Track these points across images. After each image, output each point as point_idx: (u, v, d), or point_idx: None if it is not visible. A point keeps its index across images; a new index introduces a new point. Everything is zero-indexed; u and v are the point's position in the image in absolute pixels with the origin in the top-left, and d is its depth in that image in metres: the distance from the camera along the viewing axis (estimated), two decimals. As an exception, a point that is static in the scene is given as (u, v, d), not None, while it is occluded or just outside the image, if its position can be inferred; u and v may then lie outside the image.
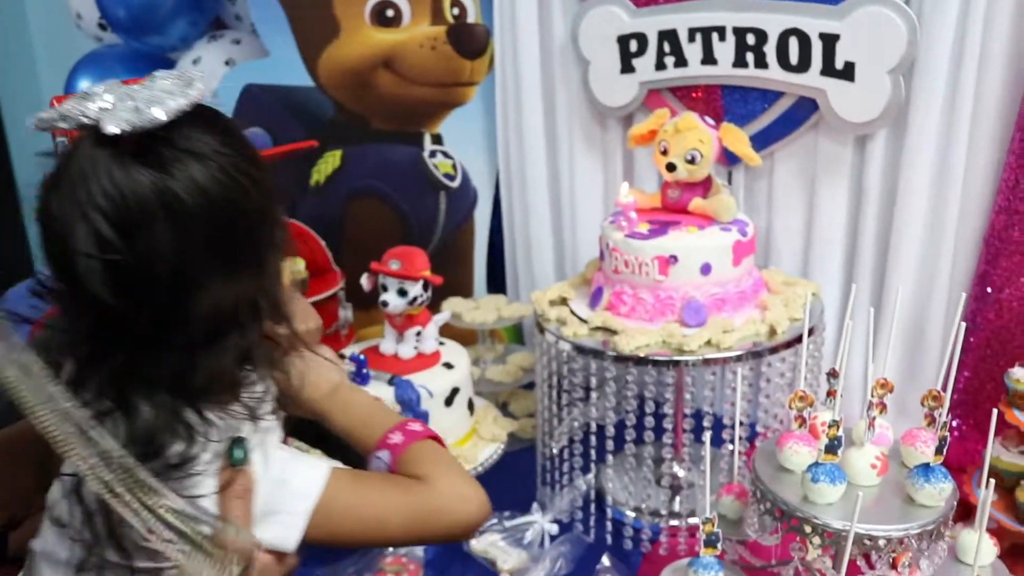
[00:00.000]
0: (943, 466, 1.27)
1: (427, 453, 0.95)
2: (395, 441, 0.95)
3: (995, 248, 2.02)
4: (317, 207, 2.71)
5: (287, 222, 0.90)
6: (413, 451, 0.95)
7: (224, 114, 0.88)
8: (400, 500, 0.90)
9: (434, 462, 0.94)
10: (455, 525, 0.91)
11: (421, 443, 0.96)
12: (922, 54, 1.96)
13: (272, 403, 0.93)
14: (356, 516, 0.89)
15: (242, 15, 2.86)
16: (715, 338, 1.78)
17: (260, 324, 0.87)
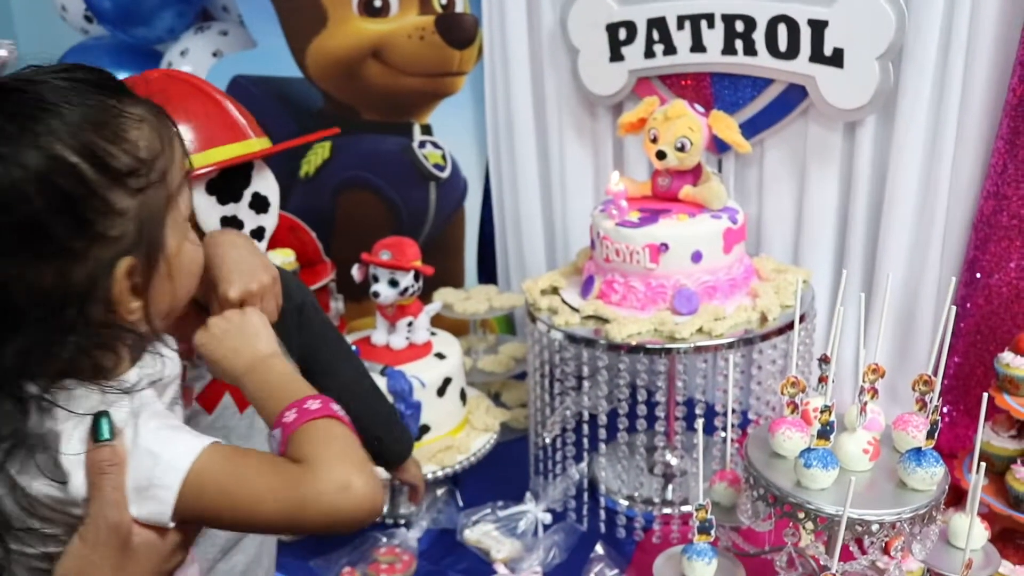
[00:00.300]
0: (935, 450, 1.27)
1: (318, 434, 0.87)
2: (288, 419, 0.88)
3: (984, 233, 2.03)
4: (307, 198, 2.70)
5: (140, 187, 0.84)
6: (303, 431, 0.87)
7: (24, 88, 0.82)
8: (274, 483, 0.83)
9: (321, 444, 0.85)
10: (333, 515, 0.82)
11: (315, 423, 0.87)
12: (910, 41, 1.96)
13: (156, 374, 0.90)
14: (228, 495, 0.83)
15: (229, 6, 2.85)
16: (706, 326, 1.78)
17: (100, 304, 0.83)
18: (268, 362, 0.97)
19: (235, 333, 1.00)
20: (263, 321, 1.03)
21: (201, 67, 2.74)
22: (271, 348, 1.00)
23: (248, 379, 0.96)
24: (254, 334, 1.00)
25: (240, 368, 0.97)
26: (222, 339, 0.99)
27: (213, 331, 1.00)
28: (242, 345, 0.99)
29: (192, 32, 2.82)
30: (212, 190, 1.35)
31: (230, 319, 1.02)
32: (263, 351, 0.99)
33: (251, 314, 1.03)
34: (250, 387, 0.96)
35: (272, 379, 0.95)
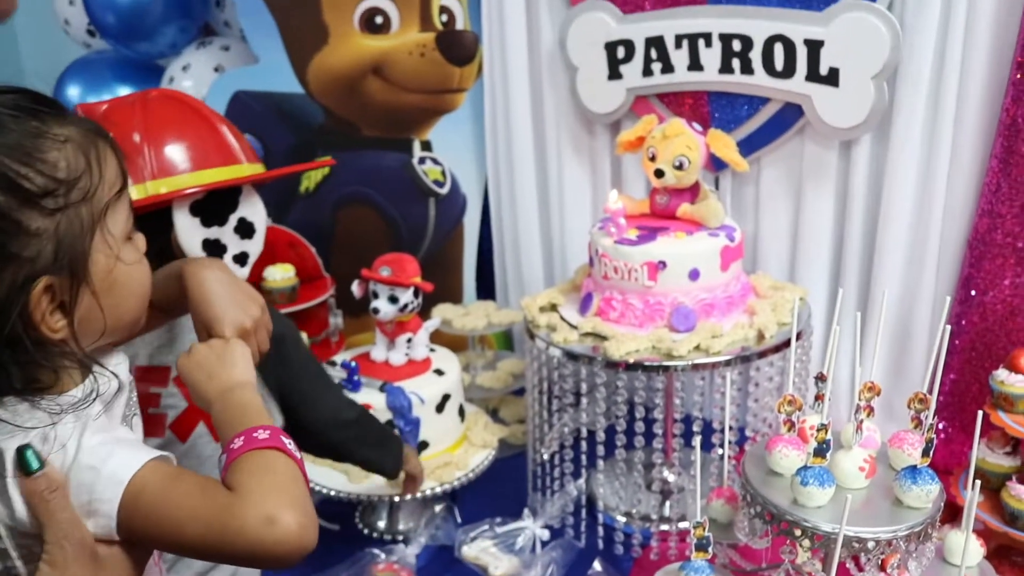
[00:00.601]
0: (930, 468, 1.28)
1: (257, 464, 0.86)
2: (235, 446, 0.88)
3: (979, 251, 2.04)
4: (307, 214, 2.72)
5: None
6: (244, 459, 0.86)
7: None
8: (200, 506, 0.83)
9: (257, 474, 0.85)
10: (255, 548, 0.81)
11: (258, 452, 0.87)
12: (905, 60, 1.98)
13: (110, 389, 0.90)
14: (158, 515, 0.83)
15: (231, 22, 2.87)
16: (704, 343, 1.80)
17: (20, 322, 0.83)
18: (238, 390, 0.99)
19: (214, 360, 1.02)
20: (245, 352, 1.05)
21: (203, 82, 2.75)
22: (245, 378, 1.01)
23: (216, 405, 0.98)
24: (231, 363, 1.02)
25: (211, 394, 0.99)
26: (200, 364, 1.01)
27: (194, 356, 1.03)
28: (218, 371, 1.00)
29: (194, 47, 2.84)
30: (196, 211, 1.36)
31: (213, 347, 1.04)
32: (236, 379, 1.00)
33: (235, 344, 1.04)
34: (216, 413, 0.97)
35: (235, 406, 0.97)
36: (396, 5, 2.56)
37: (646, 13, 2.24)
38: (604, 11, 2.28)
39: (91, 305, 0.87)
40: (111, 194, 0.88)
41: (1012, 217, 1.99)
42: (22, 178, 0.81)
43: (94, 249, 0.87)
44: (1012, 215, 1.99)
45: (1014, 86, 1.90)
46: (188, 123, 1.38)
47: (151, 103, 1.37)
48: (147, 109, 1.36)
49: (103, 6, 2.73)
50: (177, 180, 1.33)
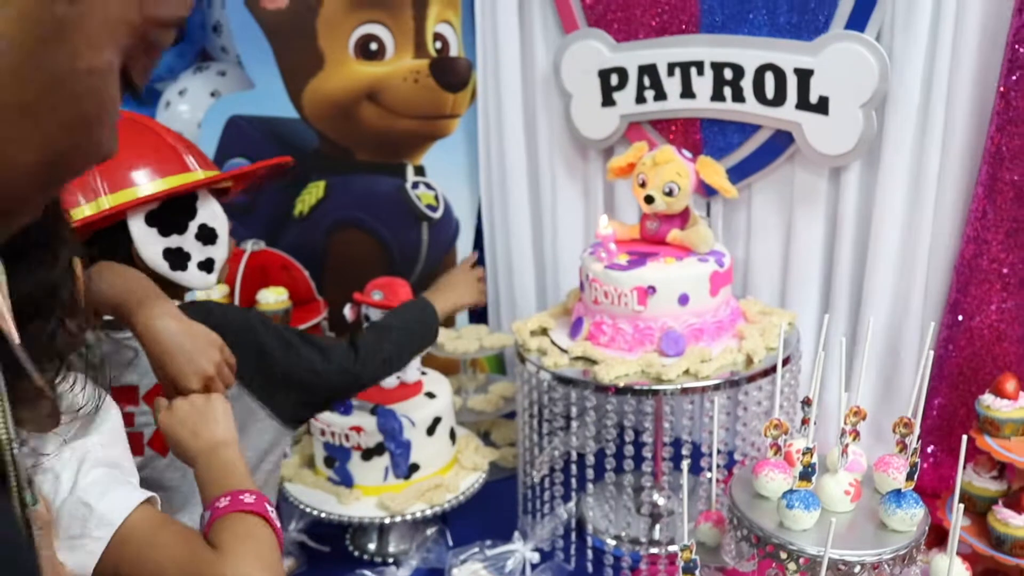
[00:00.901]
0: (915, 492, 1.29)
1: (239, 527, 0.91)
2: (220, 505, 0.93)
3: (965, 277, 2.06)
4: (300, 237, 2.73)
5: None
6: (228, 519, 0.91)
7: None
8: (183, 558, 0.87)
9: (239, 538, 0.89)
10: None
11: (241, 515, 0.92)
12: (893, 89, 2.01)
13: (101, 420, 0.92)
14: (142, 559, 0.86)
15: (228, 47, 2.90)
16: (693, 367, 1.81)
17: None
18: (221, 449, 1.03)
19: (196, 418, 1.05)
20: (226, 408, 1.09)
21: (199, 106, 2.78)
22: (228, 436, 1.06)
23: (200, 462, 1.02)
24: (214, 420, 1.06)
25: (196, 450, 1.03)
26: (184, 422, 1.05)
27: (177, 414, 1.06)
28: (202, 429, 1.04)
29: (191, 72, 2.87)
30: (153, 222, 1.36)
31: (194, 403, 1.07)
32: (219, 437, 1.04)
33: (215, 401, 1.08)
34: (201, 470, 1.01)
35: (220, 465, 1.01)
36: (391, 32, 2.59)
37: (639, 41, 2.27)
38: (598, 39, 2.31)
39: None
40: None
41: (997, 243, 2.02)
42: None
43: None
44: (998, 241, 2.01)
45: (998, 115, 1.93)
46: (136, 138, 1.39)
47: None
48: None
49: (101, 30, 2.76)
50: (127, 192, 1.33)
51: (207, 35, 2.93)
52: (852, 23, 2.01)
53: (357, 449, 1.95)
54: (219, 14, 2.86)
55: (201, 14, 2.89)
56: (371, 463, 1.96)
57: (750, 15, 2.12)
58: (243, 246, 2.42)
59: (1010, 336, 2.08)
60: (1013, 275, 2.04)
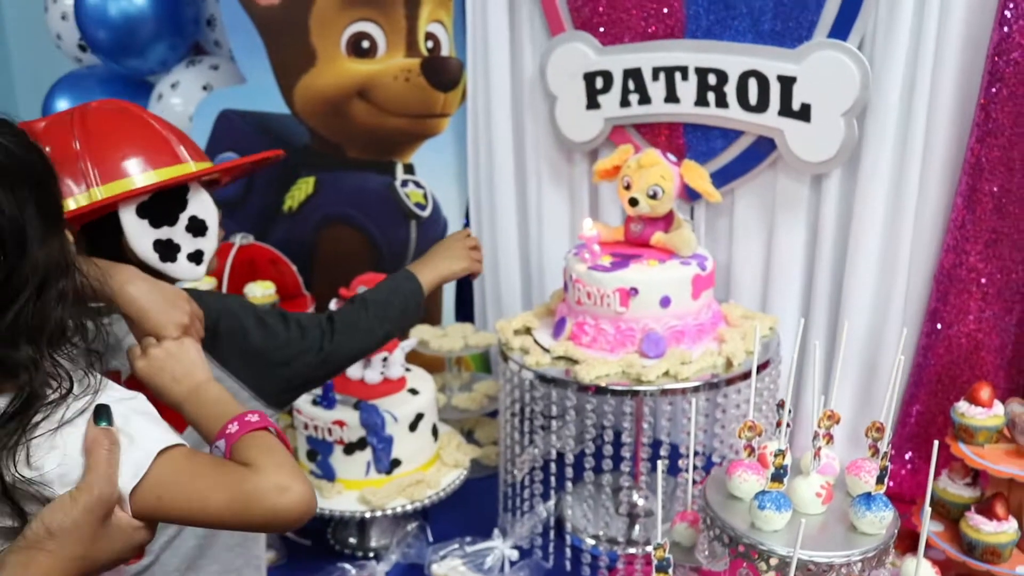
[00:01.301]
0: (886, 495, 1.32)
1: (258, 442, 0.98)
2: (231, 431, 0.99)
3: (944, 286, 2.09)
4: (289, 232, 2.75)
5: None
6: (246, 440, 0.98)
7: None
8: (223, 480, 0.93)
9: (263, 451, 0.97)
10: (274, 513, 0.93)
11: (255, 433, 0.99)
12: (874, 98, 2.04)
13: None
14: (183, 488, 0.92)
15: (221, 42, 2.91)
16: (673, 369, 1.83)
17: (75, 274, 0.94)
18: (205, 387, 1.09)
19: (173, 363, 1.11)
20: (198, 349, 1.15)
21: (191, 100, 2.79)
22: (207, 374, 1.12)
23: (188, 403, 1.08)
24: (191, 362, 1.12)
25: (180, 394, 1.09)
26: (163, 368, 1.11)
27: (153, 361, 1.11)
28: (182, 374, 1.10)
29: (184, 65, 2.88)
30: (144, 213, 1.36)
31: (168, 349, 1.12)
32: (199, 377, 1.11)
33: (188, 344, 1.14)
34: (190, 410, 1.07)
35: (210, 401, 1.07)
36: (383, 30, 2.61)
37: (624, 45, 2.29)
38: (584, 42, 2.33)
39: None
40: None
41: (976, 254, 2.04)
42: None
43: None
44: (976, 252, 2.04)
45: (978, 127, 1.96)
46: (129, 129, 1.38)
47: (90, 114, 1.38)
48: (86, 119, 1.37)
49: (95, 22, 2.77)
50: (120, 184, 1.34)
51: (200, 29, 2.94)
52: (835, 32, 2.04)
53: (340, 443, 1.97)
54: (213, 8, 2.87)
55: (195, 8, 2.90)
56: (353, 457, 1.98)
57: (734, 22, 2.14)
58: (232, 240, 2.43)
59: (987, 345, 2.11)
60: (991, 285, 2.07)
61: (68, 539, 0.86)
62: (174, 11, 2.82)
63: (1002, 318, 2.10)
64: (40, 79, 3.10)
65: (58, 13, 2.95)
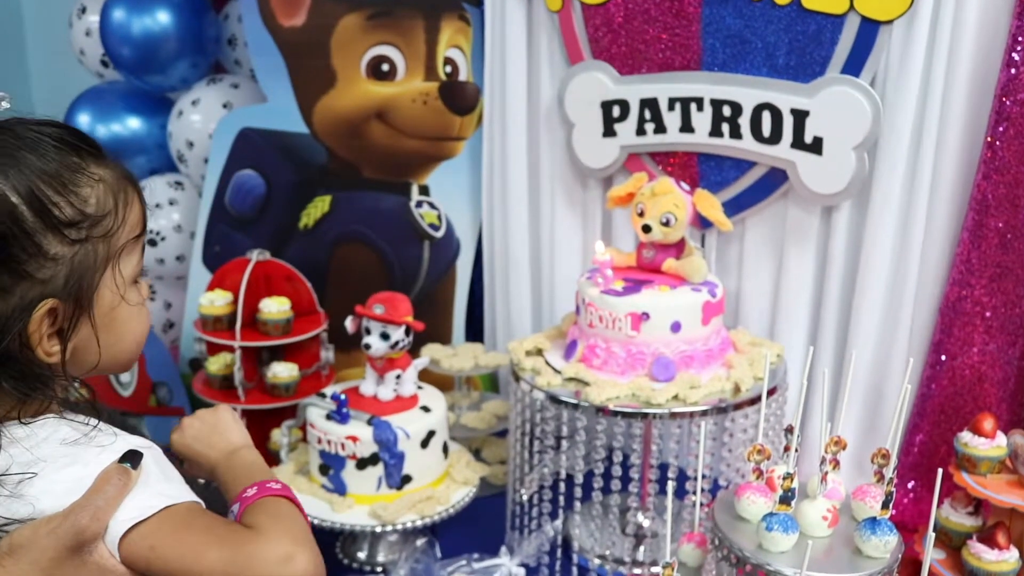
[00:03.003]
0: (890, 520, 1.35)
1: (271, 507, 0.96)
2: (248, 495, 0.98)
3: (949, 318, 2.13)
4: (305, 250, 2.79)
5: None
6: (260, 503, 0.96)
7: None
8: (223, 539, 0.89)
9: (273, 517, 0.94)
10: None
11: (272, 499, 0.97)
12: (885, 133, 2.08)
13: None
14: (178, 541, 0.88)
15: (242, 61, 2.97)
16: (682, 393, 1.87)
17: (16, 338, 0.89)
18: (239, 452, 1.08)
19: (208, 431, 1.11)
20: (233, 416, 1.14)
21: (211, 117, 2.84)
22: (243, 440, 1.11)
23: (220, 468, 1.06)
24: (226, 428, 1.11)
25: (214, 460, 1.08)
26: (197, 438, 1.10)
27: (188, 431, 1.11)
28: (217, 441, 1.10)
29: (205, 83, 2.93)
30: None
31: (202, 418, 1.13)
32: (235, 443, 1.10)
33: (222, 411, 1.14)
34: (221, 475, 1.06)
35: (240, 466, 1.05)
36: (402, 54, 2.67)
37: (642, 76, 2.34)
38: (602, 71, 2.37)
39: (88, 337, 0.94)
40: (129, 237, 0.96)
41: (981, 288, 2.08)
42: (53, 205, 0.89)
43: (102, 284, 0.93)
44: (981, 286, 2.08)
45: (985, 164, 2.00)
46: None
47: None
48: None
49: (119, 39, 2.83)
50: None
51: (222, 48, 3.00)
52: (848, 68, 2.08)
53: (352, 458, 2.00)
54: (235, 28, 2.93)
55: (217, 27, 2.96)
56: (365, 472, 2.00)
57: (750, 56, 2.19)
58: (248, 256, 2.47)
59: (990, 377, 2.15)
60: (995, 318, 2.11)
61: (24, 559, 0.83)
62: (196, 30, 2.88)
63: (1005, 351, 2.14)
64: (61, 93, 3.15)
65: (82, 29, 3.01)
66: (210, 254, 2.85)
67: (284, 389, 2.42)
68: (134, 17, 2.79)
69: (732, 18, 2.18)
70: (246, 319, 2.41)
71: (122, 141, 2.98)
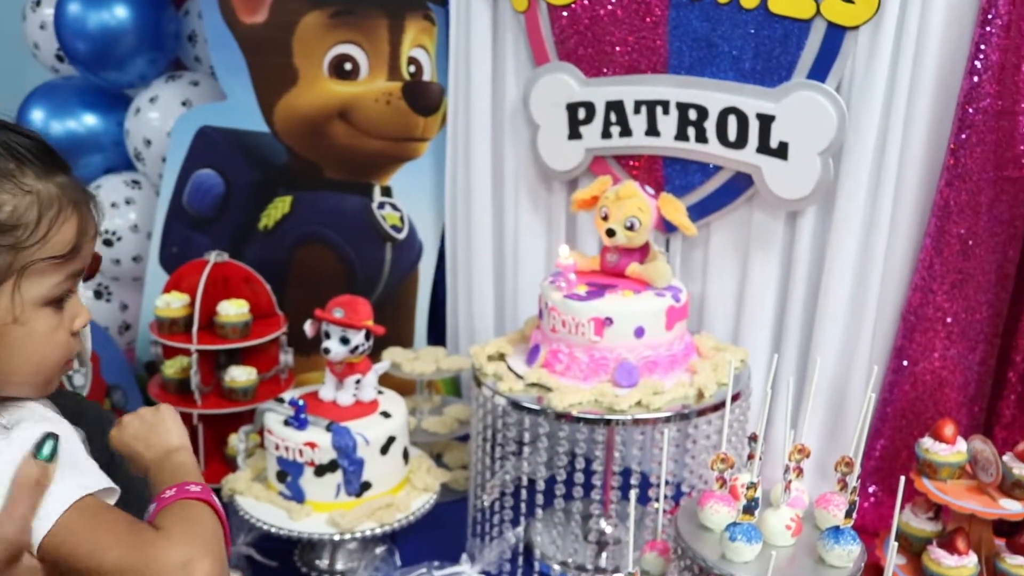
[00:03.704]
0: (853, 529, 1.34)
1: (185, 512, 0.93)
2: (166, 496, 0.95)
3: (911, 324, 2.14)
4: (264, 251, 2.74)
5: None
6: (174, 506, 0.93)
7: None
8: (127, 539, 0.87)
9: (182, 520, 0.91)
10: None
11: (187, 502, 0.94)
12: (850, 139, 2.09)
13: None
14: (84, 538, 0.87)
15: (202, 58, 2.91)
16: (645, 399, 1.85)
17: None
18: (173, 454, 1.05)
19: (147, 430, 1.08)
20: (174, 416, 1.10)
21: (169, 115, 2.79)
22: (180, 442, 1.08)
23: (153, 469, 1.04)
24: (166, 430, 1.08)
25: (150, 460, 1.05)
26: (136, 436, 1.07)
27: (128, 429, 1.08)
28: (155, 441, 1.07)
29: (163, 80, 2.87)
30: None
31: (143, 417, 1.09)
32: (172, 444, 1.07)
33: (164, 410, 1.11)
34: (153, 476, 1.03)
35: (169, 468, 1.03)
36: (366, 53, 2.63)
37: (608, 78, 2.33)
38: (568, 73, 2.36)
39: None
40: (46, 256, 0.91)
41: (943, 293, 2.09)
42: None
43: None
44: (943, 292, 2.09)
45: (948, 171, 2.01)
46: None
47: None
48: None
49: (75, 33, 2.76)
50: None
51: (181, 44, 2.94)
52: (814, 73, 2.08)
53: (310, 465, 1.96)
54: (195, 24, 2.87)
55: (176, 23, 2.90)
56: (323, 479, 1.97)
57: (716, 60, 2.18)
58: (206, 257, 2.42)
59: (951, 383, 2.16)
60: (956, 324, 2.12)
61: None
62: (155, 25, 2.82)
63: (966, 356, 2.15)
64: (14, 88, 3.07)
65: (37, 22, 2.93)
66: (167, 255, 2.79)
67: (242, 393, 2.37)
68: (90, 11, 2.72)
69: (699, 21, 2.18)
70: (203, 322, 2.36)
71: (78, 138, 2.91)
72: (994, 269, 2.09)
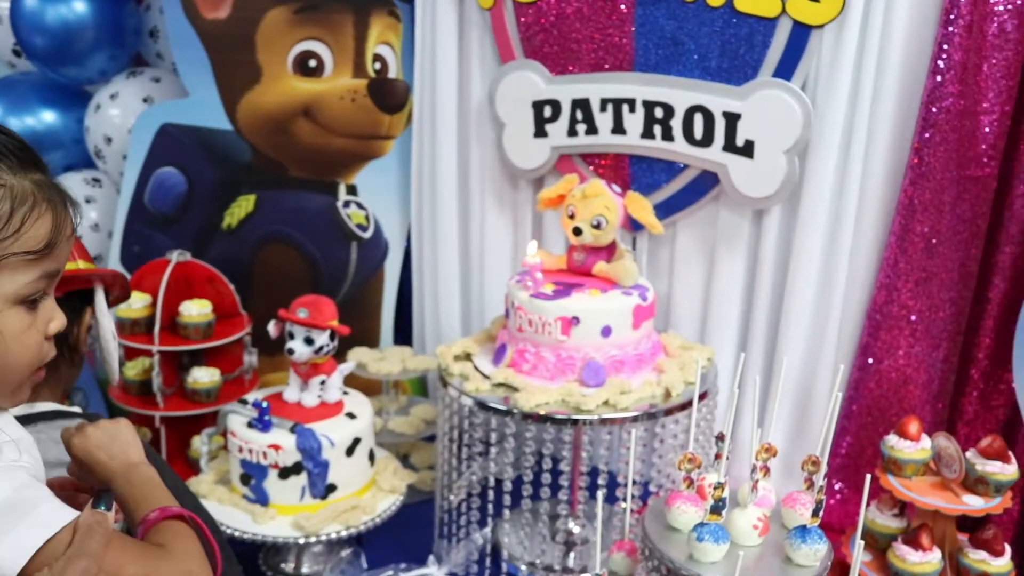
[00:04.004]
0: (820, 528, 1.34)
1: (173, 529, 0.99)
2: (152, 517, 1.00)
3: (876, 321, 2.15)
4: (227, 250, 2.71)
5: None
6: (163, 525, 0.99)
7: None
8: (140, 553, 0.93)
9: (175, 538, 0.98)
10: None
11: (172, 521, 1.00)
12: (815, 138, 2.09)
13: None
14: (100, 557, 0.89)
15: (164, 54, 2.87)
16: (612, 398, 1.84)
17: None
18: (138, 469, 1.08)
19: (108, 441, 1.09)
20: (133, 431, 1.13)
21: (130, 112, 2.74)
22: (140, 456, 1.10)
23: (119, 480, 1.06)
24: (126, 442, 1.11)
25: (112, 471, 1.07)
26: (99, 446, 1.08)
27: (90, 439, 1.09)
28: (117, 452, 1.09)
29: (124, 76, 2.82)
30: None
31: (104, 428, 1.11)
32: (134, 458, 1.09)
33: (123, 424, 1.13)
34: (120, 488, 1.06)
35: (140, 483, 1.06)
36: (330, 50, 2.60)
37: (574, 76, 2.32)
38: (533, 71, 2.34)
39: None
40: (18, 251, 0.88)
41: (907, 291, 2.10)
42: None
43: None
44: (907, 290, 2.10)
45: (912, 169, 2.03)
46: None
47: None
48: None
49: (32, 27, 2.70)
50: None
51: (142, 40, 2.89)
52: (779, 72, 2.08)
53: (275, 467, 1.93)
54: (156, 19, 2.83)
55: (137, 18, 2.85)
56: (288, 482, 1.94)
57: (683, 58, 2.18)
58: (168, 257, 2.39)
59: (916, 380, 2.17)
60: (920, 322, 2.13)
61: None
62: (115, 20, 2.77)
63: (930, 354, 2.16)
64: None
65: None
66: (128, 254, 2.75)
67: (205, 395, 2.34)
68: (48, 5, 2.67)
69: (665, 19, 2.17)
70: (165, 322, 2.33)
71: (36, 135, 2.85)
72: (957, 267, 2.11)
